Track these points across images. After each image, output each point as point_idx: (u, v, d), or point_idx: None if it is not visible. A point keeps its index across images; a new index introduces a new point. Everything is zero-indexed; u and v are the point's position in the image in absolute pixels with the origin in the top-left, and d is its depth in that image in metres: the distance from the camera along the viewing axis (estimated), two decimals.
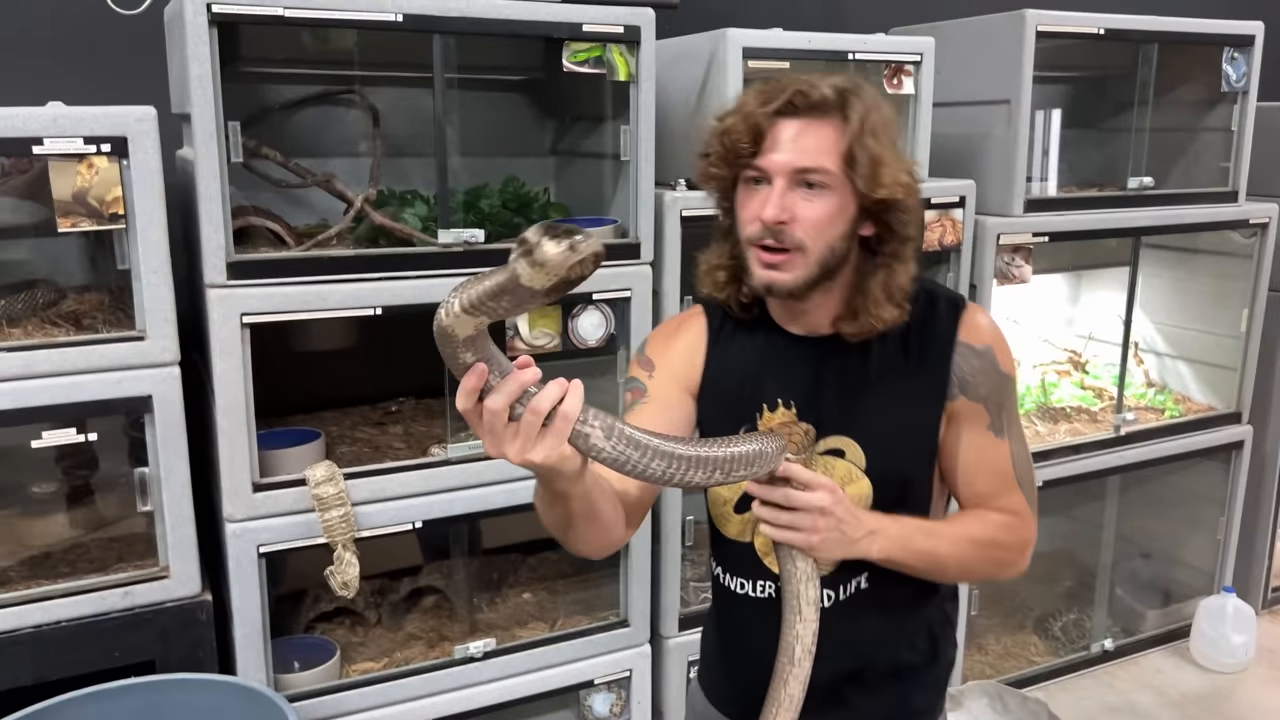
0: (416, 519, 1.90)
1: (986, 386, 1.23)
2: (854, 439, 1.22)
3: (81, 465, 1.92)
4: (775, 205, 1.13)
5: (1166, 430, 2.81)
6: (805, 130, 1.14)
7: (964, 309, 1.25)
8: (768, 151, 1.14)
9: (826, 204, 1.14)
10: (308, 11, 1.64)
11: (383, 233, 1.91)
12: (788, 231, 1.14)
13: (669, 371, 1.28)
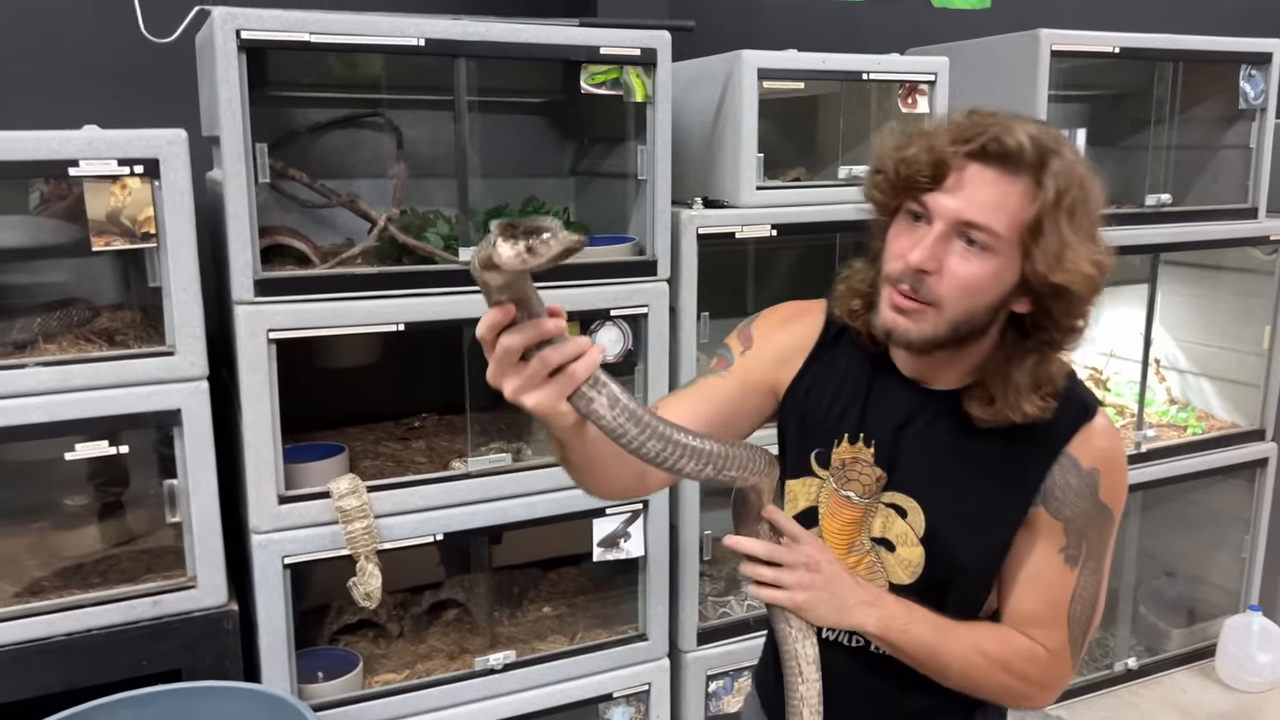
0: (438, 531, 1.93)
1: (1075, 509, 1.13)
2: (920, 504, 1.16)
3: (112, 478, 1.97)
4: (925, 251, 1.03)
5: (1189, 447, 2.80)
6: (989, 181, 1.03)
7: (1088, 420, 1.13)
8: (941, 191, 1.04)
9: (982, 266, 1.03)
10: (333, 37, 1.70)
11: (405, 251, 1.96)
12: (929, 283, 1.05)
13: (763, 357, 1.23)
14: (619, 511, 2.08)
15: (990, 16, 3.10)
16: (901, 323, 1.07)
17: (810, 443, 1.20)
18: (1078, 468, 1.12)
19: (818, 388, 1.21)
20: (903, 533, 1.17)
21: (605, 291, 2.00)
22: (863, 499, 1.17)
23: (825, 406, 1.20)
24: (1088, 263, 1.03)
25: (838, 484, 1.19)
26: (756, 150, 2.11)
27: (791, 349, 1.23)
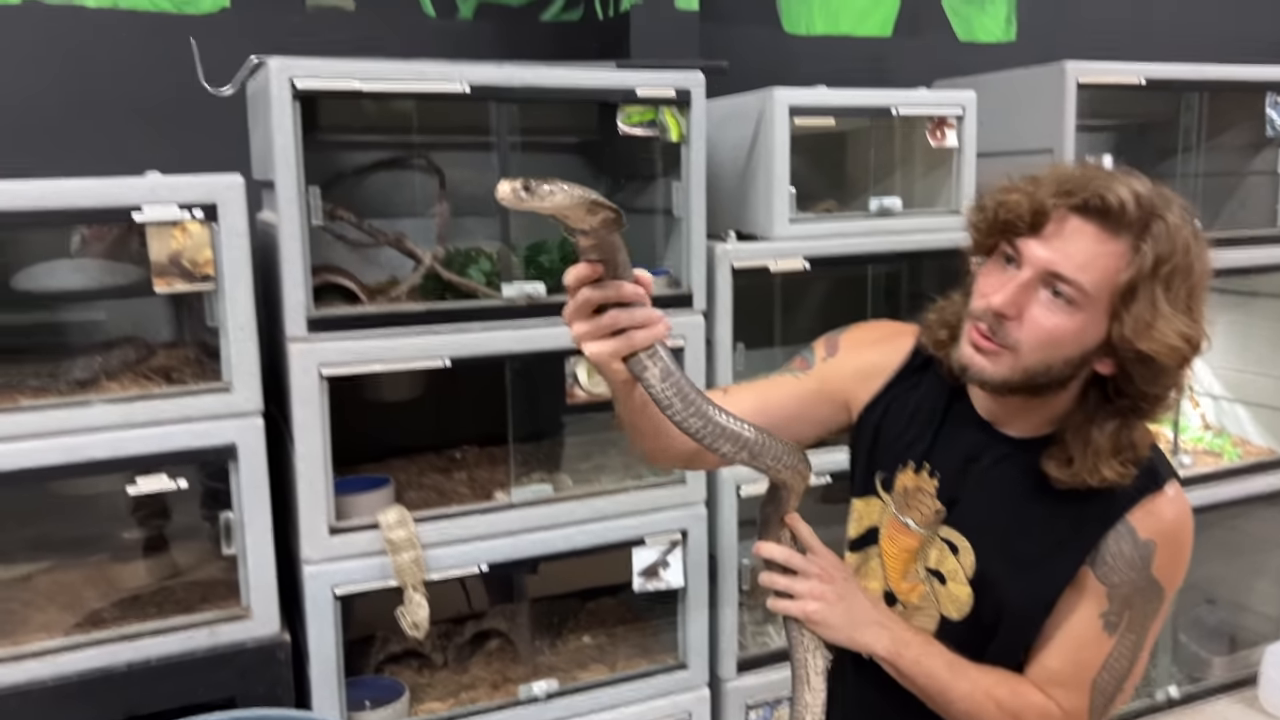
0: (482, 561, 1.97)
1: (1123, 577, 1.10)
2: (971, 545, 1.16)
3: (166, 512, 2.03)
4: (1007, 295, 1.03)
5: (1226, 474, 2.79)
6: (1085, 237, 1.01)
7: (1156, 490, 1.11)
8: (1036, 238, 1.03)
9: (1064, 320, 1.03)
10: (383, 85, 1.77)
11: (448, 288, 2.02)
12: (1008, 327, 1.04)
13: (844, 369, 1.26)
14: (658, 541, 2.11)
15: (1014, 48, 3.16)
16: (978, 361, 1.08)
17: (878, 464, 1.23)
18: (1134, 537, 1.10)
19: (894, 411, 1.23)
20: (954, 569, 1.18)
21: None
22: (920, 528, 1.19)
23: (898, 431, 1.22)
24: (1178, 335, 1.00)
25: (898, 510, 1.21)
26: (788, 185, 2.16)
27: (875, 367, 1.25)
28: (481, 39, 2.57)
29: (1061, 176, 1.06)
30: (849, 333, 1.30)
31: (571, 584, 2.53)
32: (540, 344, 1.94)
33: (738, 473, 2.19)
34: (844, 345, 1.28)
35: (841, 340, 1.29)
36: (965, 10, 3.11)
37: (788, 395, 1.25)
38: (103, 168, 1.83)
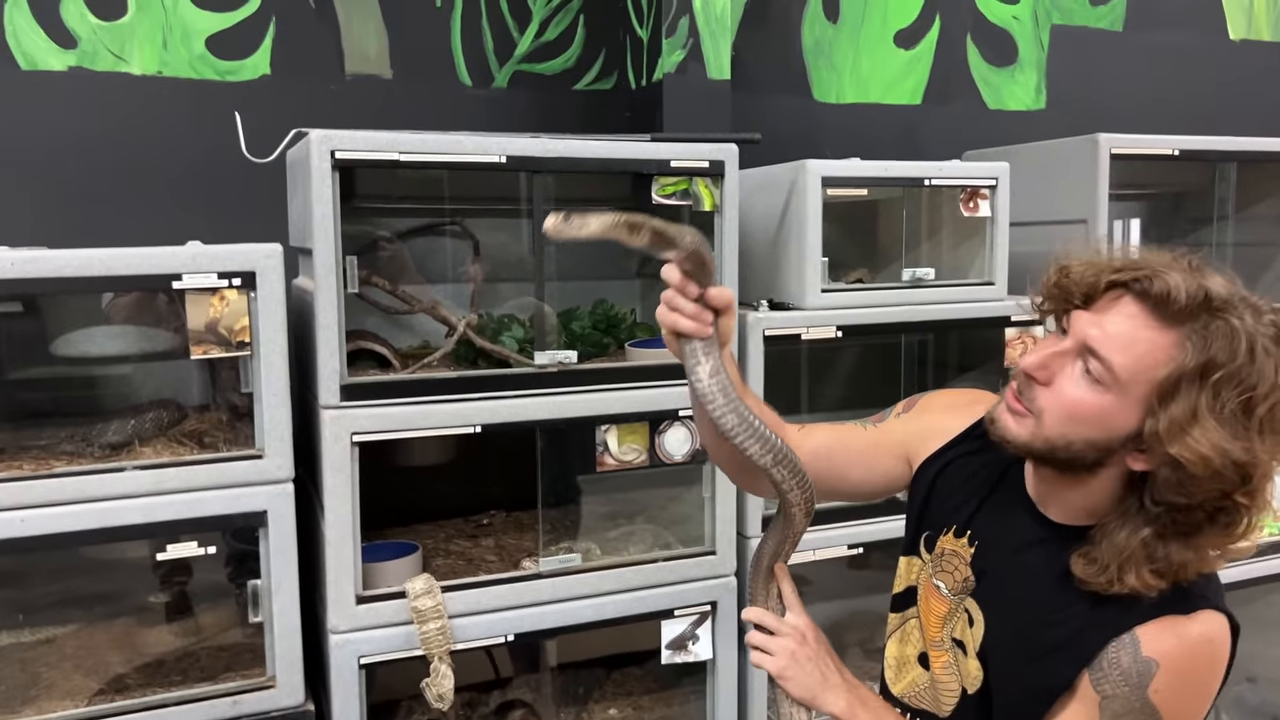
0: (509, 632, 1.94)
1: (1115, 690, 1.04)
2: (985, 621, 1.16)
3: (194, 577, 2.03)
4: (1038, 359, 1.03)
5: (1267, 549, 2.73)
6: (1130, 318, 0.99)
7: (1181, 613, 1.03)
8: (1085, 311, 1.03)
9: (1089, 396, 1.00)
10: (420, 155, 1.79)
11: (481, 354, 2.02)
12: (1035, 392, 1.04)
13: (911, 426, 1.31)
14: (687, 613, 2.08)
15: (1044, 116, 3.18)
16: (1004, 418, 1.08)
17: (926, 524, 1.25)
18: (1136, 650, 1.03)
19: (949, 473, 1.25)
20: (970, 641, 1.18)
21: (673, 393, 2.04)
22: (949, 594, 1.19)
23: (949, 493, 1.23)
24: (1213, 448, 0.93)
25: (932, 572, 1.23)
26: (821, 254, 2.16)
27: (941, 430, 1.28)
28: (516, 107, 2.61)
29: (1130, 258, 1.04)
30: (931, 394, 1.35)
31: (598, 650, 2.49)
32: (571, 411, 1.94)
33: None
34: (920, 405, 1.33)
35: (921, 400, 1.34)
36: (995, 79, 3.13)
37: (854, 440, 1.32)
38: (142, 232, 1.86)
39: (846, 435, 1.34)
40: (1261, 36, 3.49)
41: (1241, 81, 3.46)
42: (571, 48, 2.66)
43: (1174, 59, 3.35)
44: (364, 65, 2.47)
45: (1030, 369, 1.04)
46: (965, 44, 3.09)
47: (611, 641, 2.47)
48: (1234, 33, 3.45)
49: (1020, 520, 1.16)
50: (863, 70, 2.97)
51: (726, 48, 2.53)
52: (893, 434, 1.31)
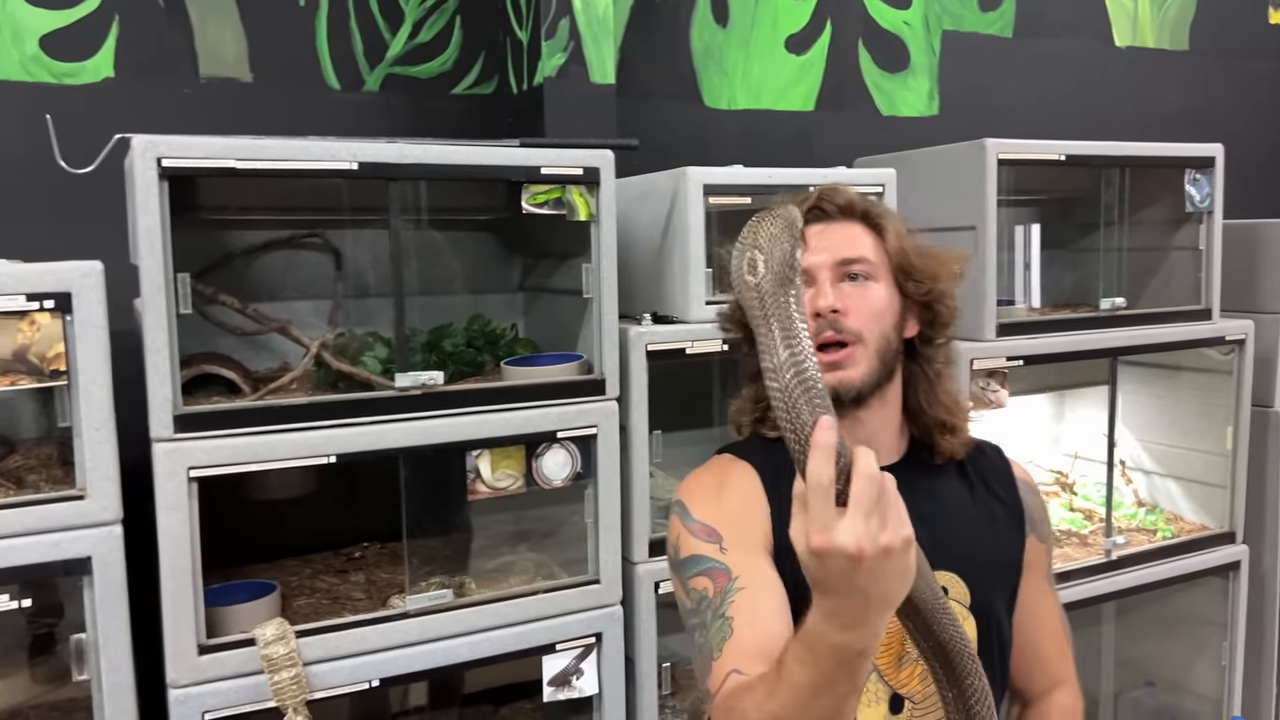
0: (374, 677, 1.80)
1: (1045, 529, 1.21)
2: (955, 573, 1.15)
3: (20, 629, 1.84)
4: (829, 295, 1.12)
5: (1160, 553, 2.73)
6: (837, 229, 1.16)
7: (1001, 450, 1.25)
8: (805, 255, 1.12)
9: (875, 292, 1.14)
10: (261, 163, 1.64)
11: (344, 377, 1.88)
12: (843, 321, 1.12)
13: (740, 536, 1.11)
14: (570, 647, 1.97)
15: (938, 122, 3.15)
16: (841, 374, 1.12)
17: None
18: (1030, 488, 1.24)
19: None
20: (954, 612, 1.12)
21: (552, 413, 1.92)
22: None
23: None
24: (951, 262, 1.18)
25: None
26: (705, 265, 2.07)
27: (751, 508, 1.15)
28: (391, 113, 2.47)
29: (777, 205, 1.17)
30: (695, 507, 1.15)
31: (487, 683, 2.35)
32: (437, 437, 1.81)
33: (655, 568, 2.06)
34: (711, 521, 1.13)
35: (702, 518, 1.14)
36: (887, 85, 3.10)
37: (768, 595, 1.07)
38: None
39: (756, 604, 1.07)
40: (1146, 43, 3.53)
41: (1128, 88, 3.50)
42: (448, 50, 2.53)
43: (1063, 65, 3.37)
44: (220, 68, 2.30)
45: (831, 304, 1.12)
46: (857, 49, 3.04)
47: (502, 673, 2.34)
48: (1119, 39, 3.48)
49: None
50: (754, 76, 2.90)
51: (610, 51, 2.43)
52: (752, 559, 1.10)
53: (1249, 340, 2.78)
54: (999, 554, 1.17)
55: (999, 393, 2.35)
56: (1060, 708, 1.25)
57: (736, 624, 1.04)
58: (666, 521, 1.68)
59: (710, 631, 1.06)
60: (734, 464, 1.21)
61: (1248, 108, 3.79)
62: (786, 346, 0.82)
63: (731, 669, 1.00)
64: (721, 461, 1.24)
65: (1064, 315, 2.60)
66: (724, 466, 1.22)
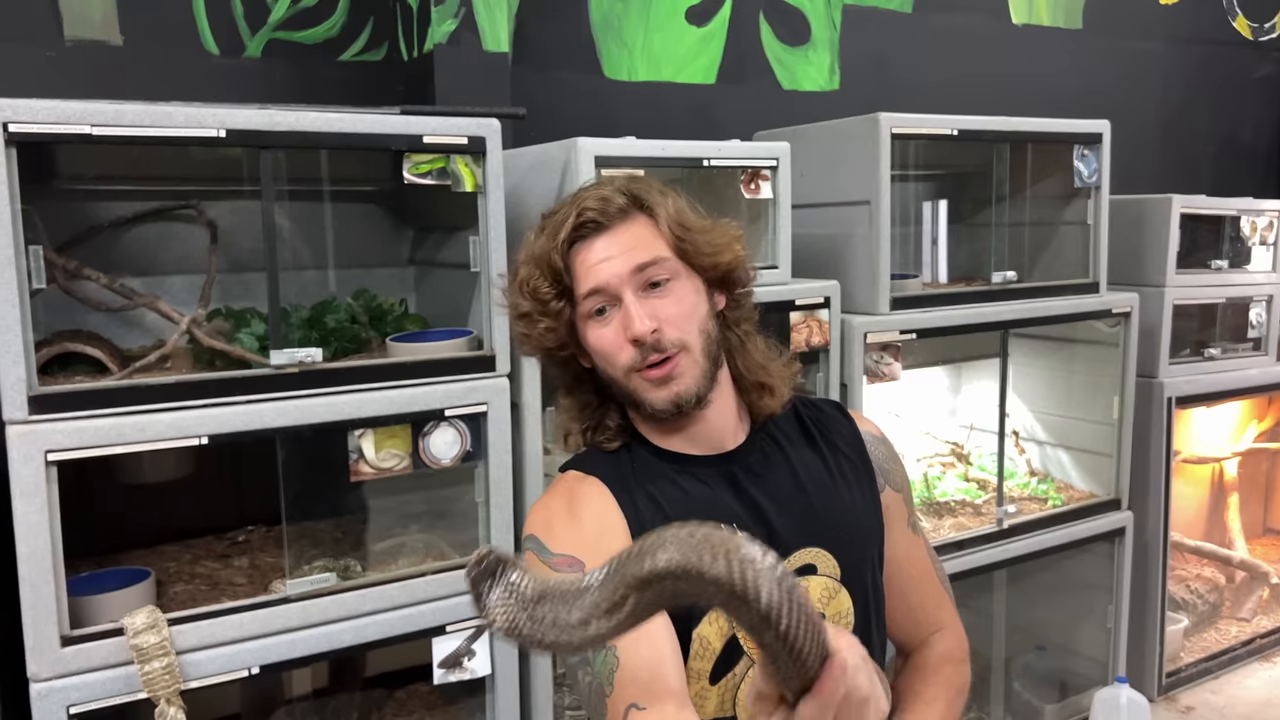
0: (253, 664, 1.74)
1: (899, 475, 1.20)
2: (820, 547, 1.12)
3: None
4: (641, 318, 1.06)
5: (1049, 520, 2.81)
6: (615, 238, 1.08)
7: (833, 401, 1.25)
8: (589, 276, 1.06)
9: (681, 292, 1.10)
10: (119, 129, 1.55)
11: (218, 355, 1.80)
12: (664, 337, 1.07)
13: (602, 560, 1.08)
14: (461, 628, 1.93)
15: (839, 97, 3.16)
16: (676, 388, 1.08)
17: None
18: (877, 438, 1.22)
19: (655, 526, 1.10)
20: (822, 591, 1.11)
21: (439, 390, 1.88)
22: None
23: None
24: (731, 232, 1.14)
25: None
26: None
27: (605, 520, 1.11)
28: (274, 80, 2.38)
29: (543, 229, 1.11)
30: (553, 539, 1.11)
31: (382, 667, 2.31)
32: (316, 416, 1.75)
33: None
34: (570, 550, 1.09)
35: (559, 550, 1.09)
36: (789, 59, 3.09)
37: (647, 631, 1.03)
38: None
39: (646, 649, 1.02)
40: (1041, 21, 3.60)
41: (1023, 65, 3.56)
42: (334, 15, 2.44)
43: (961, 41, 3.41)
44: (87, 30, 2.18)
45: (645, 332, 1.06)
46: (758, 22, 3.03)
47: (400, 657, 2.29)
48: (1016, 17, 3.54)
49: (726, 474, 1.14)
50: (654, 48, 2.87)
51: (504, 19, 2.37)
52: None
53: (1134, 313, 2.86)
54: (862, 519, 1.16)
55: (892, 365, 2.38)
56: (939, 653, 1.24)
57: (621, 652, 1.00)
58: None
59: (595, 666, 1.02)
60: (580, 482, 1.16)
61: (1137, 86, 3.89)
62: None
63: (629, 703, 0.97)
64: (567, 481, 1.18)
65: (956, 289, 2.64)
66: (570, 487, 1.16)
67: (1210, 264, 3.13)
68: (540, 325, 1.10)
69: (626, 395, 1.11)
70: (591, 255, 1.08)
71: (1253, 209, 3.18)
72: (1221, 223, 3.17)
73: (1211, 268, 3.13)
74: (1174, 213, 2.95)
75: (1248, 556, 3.72)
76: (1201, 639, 3.43)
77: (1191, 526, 3.80)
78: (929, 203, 2.97)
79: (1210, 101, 4.17)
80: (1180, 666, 3.25)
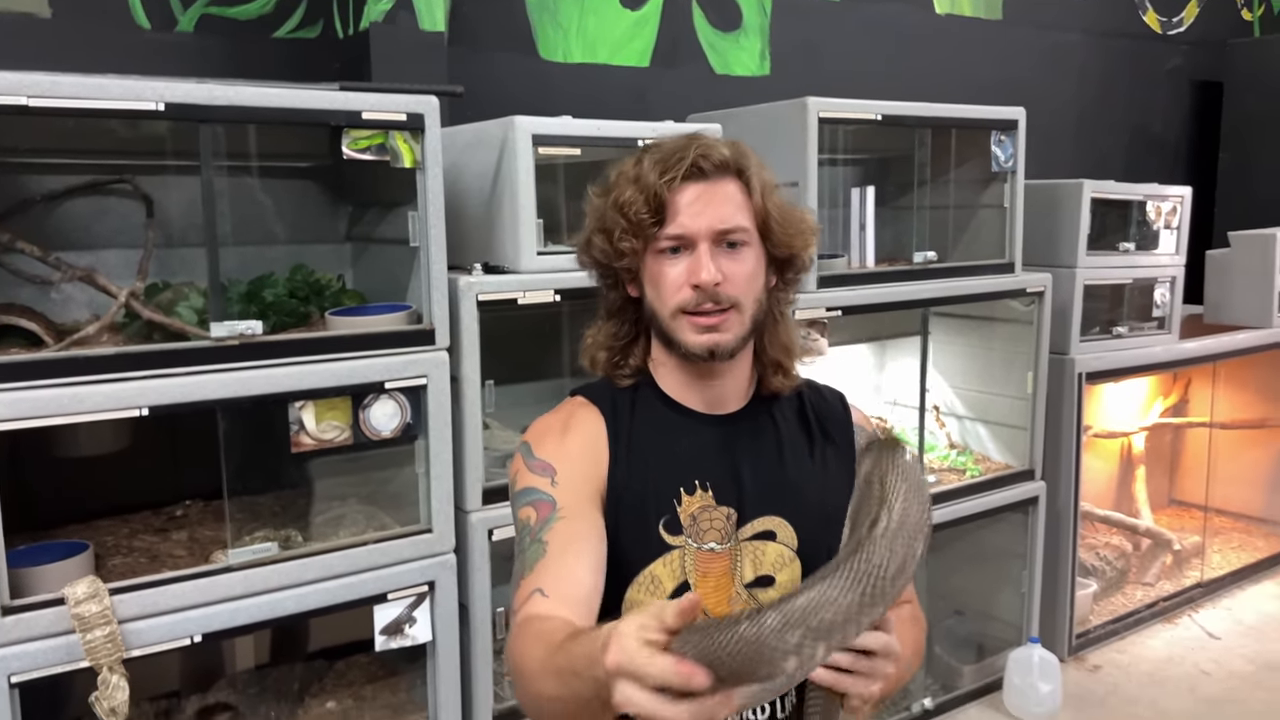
0: (195, 633, 1.77)
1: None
2: (783, 517, 1.19)
3: None
4: (710, 269, 1.12)
5: (968, 490, 2.94)
6: (714, 192, 1.14)
7: (843, 396, 1.31)
8: (680, 217, 1.13)
9: (750, 260, 1.15)
10: (55, 101, 1.56)
11: (157, 328, 1.81)
12: (723, 291, 1.13)
13: (575, 475, 1.15)
14: (402, 596, 1.98)
15: (769, 82, 3.25)
16: (718, 338, 1.14)
17: (654, 516, 1.16)
18: (864, 433, 1.29)
19: (634, 463, 1.18)
20: (777, 558, 1.17)
21: (379, 363, 1.91)
22: (724, 545, 1.16)
23: (649, 474, 1.17)
24: (809, 223, 1.21)
25: (697, 541, 1.16)
26: (535, 215, 2.09)
27: (591, 452, 1.18)
28: (207, 56, 2.38)
29: (657, 161, 1.14)
30: (537, 446, 1.19)
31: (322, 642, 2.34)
32: (256, 388, 1.77)
33: (489, 516, 2.09)
34: (548, 458, 1.17)
35: (540, 455, 1.17)
36: (721, 44, 3.16)
37: (585, 536, 1.11)
38: None
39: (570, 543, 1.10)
40: (963, 11, 3.73)
41: (946, 53, 3.68)
42: None
43: (887, 30, 3.52)
44: (13, 2, 2.15)
45: (714, 280, 1.12)
46: (691, 7, 3.09)
47: (336, 632, 2.33)
48: (939, 7, 3.66)
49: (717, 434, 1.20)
50: (589, 30, 2.92)
51: None
52: (581, 493, 1.14)
53: (1047, 292, 3.01)
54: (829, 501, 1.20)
55: (819, 341, 2.47)
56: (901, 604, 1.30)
57: (551, 549, 1.09)
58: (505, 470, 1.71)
59: (527, 555, 1.11)
60: (582, 408, 1.23)
61: (1054, 76, 4.05)
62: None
63: (536, 587, 1.05)
64: (571, 404, 1.25)
65: (880, 269, 2.75)
66: (572, 410, 1.24)
67: (1119, 246, 3.29)
68: (624, 245, 1.15)
69: (663, 333, 1.17)
70: (685, 199, 1.13)
71: (1158, 194, 3.35)
72: (1129, 207, 3.33)
73: (1120, 250, 3.29)
74: (1085, 197, 3.10)
75: (1153, 525, 3.93)
76: (1110, 603, 3.62)
77: (1102, 497, 4.00)
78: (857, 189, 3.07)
79: (1123, 91, 4.36)
80: (1089, 628, 3.43)
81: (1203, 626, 3.63)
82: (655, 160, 1.14)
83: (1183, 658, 3.39)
